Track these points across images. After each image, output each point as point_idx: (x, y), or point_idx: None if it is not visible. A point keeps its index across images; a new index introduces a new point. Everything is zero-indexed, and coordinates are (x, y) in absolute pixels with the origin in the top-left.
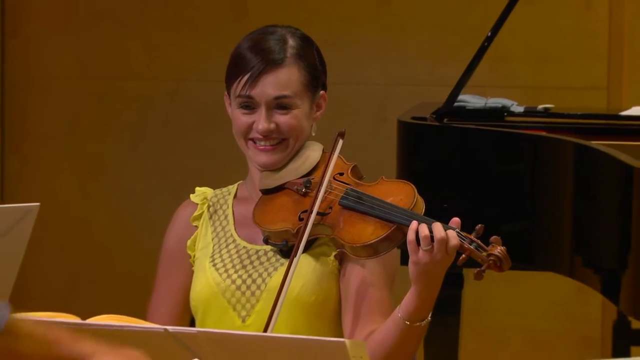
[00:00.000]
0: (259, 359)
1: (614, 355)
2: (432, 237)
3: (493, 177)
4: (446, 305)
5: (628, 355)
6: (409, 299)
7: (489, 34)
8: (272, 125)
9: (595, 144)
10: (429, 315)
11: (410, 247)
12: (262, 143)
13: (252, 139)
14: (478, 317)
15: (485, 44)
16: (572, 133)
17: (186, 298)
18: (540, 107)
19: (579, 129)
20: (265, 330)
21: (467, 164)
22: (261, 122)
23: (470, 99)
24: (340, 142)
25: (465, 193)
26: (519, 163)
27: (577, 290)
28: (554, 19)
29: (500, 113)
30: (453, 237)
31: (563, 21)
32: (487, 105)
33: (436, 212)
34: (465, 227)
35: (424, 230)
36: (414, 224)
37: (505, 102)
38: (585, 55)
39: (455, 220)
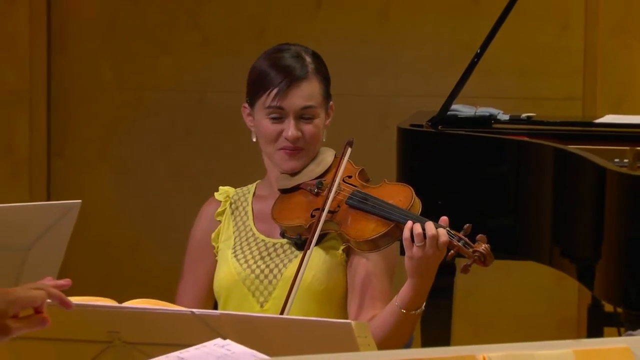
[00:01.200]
0: (274, 338)
1: (589, 335)
2: (425, 235)
3: (482, 177)
4: (440, 291)
5: (601, 335)
6: (405, 290)
7: (478, 50)
8: (299, 133)
9: (572, 148)
10: (423, 305)
11: (405, 243)
12: (290, 149)
13: (283, 148)
14: (468, 302)
15: (475, 59)
16: (551, 138)
17: (210, 285)
18: (524, 115)
19: (557, 135)
20: (281, 314)
21: (458, 165)
22: (291, 129)
23: (461, 108)
24: (349, 150)
25: (457, 191)
26: (505, 165)
27: (556, 278)
28: (535, 38)
29: (488, 121)
30: (443, 234)
31: (544, 39)
32: (477, 114)
33: (431, 209)
34: (456, 222)
35: (417, 228)
36: (409, 223)
37: (493, 111)
38: (563, 69)
39: (444, 219)
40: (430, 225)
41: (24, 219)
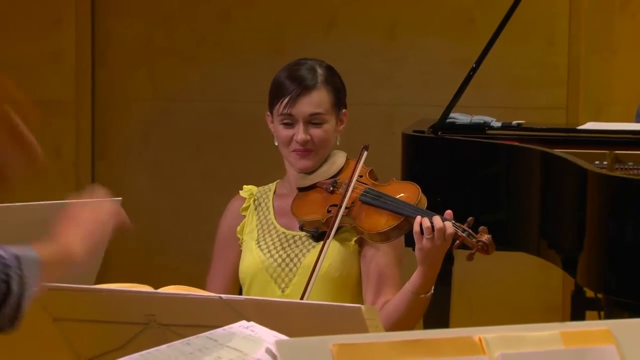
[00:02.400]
0: (294, 320)
1: (572, 319)
2: (432, 228)
3: (477, 178)
4: (440, 277)
5: (584, 318)
6: (416, 277)
7: (474, 65)
8: (308, 137)
9: (557, 151)
10: (432, 289)
11: (416, 236)
12: (301, 151)
13: (295, 150)
14: (465, 288)
15: (471, 73)
16: (539, 143)
17: (236, 272)
18: (514, 122)
19: (544, 140)
20: (301, 299)
21: (456, 167)
22: (300, 134)
23: (458, 116)
24: (365, 153)
25: (455, 190)
26: (497, 166)
27: (543, 267)
28: (524, 53)
29: (482, 127)
30: (449, 227)
31: (532, 55)
32: (472, 121)
33: (432, 205)
34: (457, 218)
35: (426, 222)
36: (419, 218)
37: (487, 118)
38: (549, 82)
39: (449, 212)
40: (437, 219)
41: None
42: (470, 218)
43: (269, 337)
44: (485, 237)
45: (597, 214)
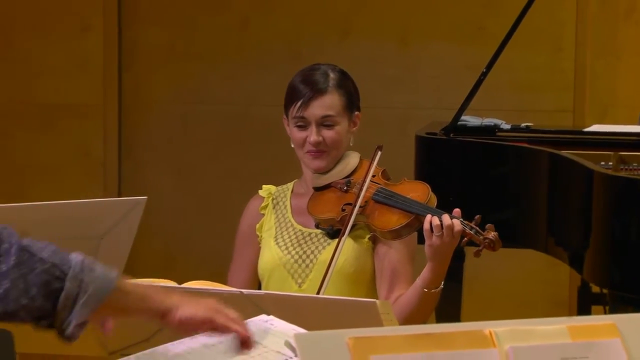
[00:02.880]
0: (310, 314)
1: (579, 313)
2: (441, 225)
3: (487, 177)
4: (452, 274)
5: (589, 312)
6: (426, 272)
7: (484, 70)
8: (321, 138)
9: (564, 152)
10: (442, 284)
11: (426, 234)
12: (314, 152)
13: (308, 151)
14: (475, 284)
15: (481, 77)
16: (546, 145)
17: (255, 268)
18: (523, 125)
19: (552, 142)
20: (317, 294)
21: (467, 167)
22: (312, 135)
23: (470, 119)
24: (379, 153)
25: (466, 189)
26: (507, 167)
27: (550, 263)
28: (532, 59)
29: (492, 129)
30: (457, 224)
31: (540, 60)
32: (483, 124)
33: (444, 204)
34: (468, 216)
35: (435, 220)
36: (429, 216)
37: (497, 121)
38: (557, 86)
39: (457, 211)
40: (446, 217)
41: (99, 212)
42: (478, 216)
43: (288, 330)
44: (492, 235)
45: (603, 212)
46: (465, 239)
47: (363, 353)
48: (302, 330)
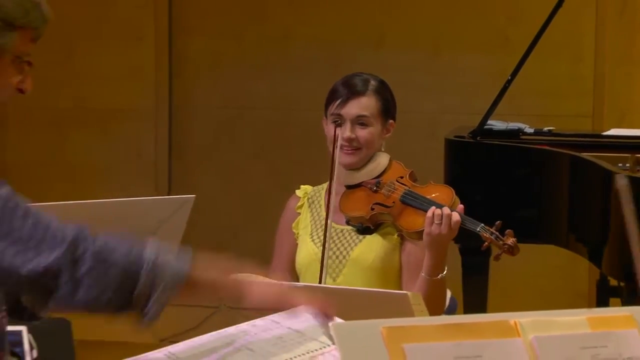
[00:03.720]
0: (345, 304)
1: (597, 305)
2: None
3: (512, 178)
4: (478, 268)
5: (607, 304)
6: (425, 262)
7: (509, 77)
8: (354, 135)
9: (584, 155)
10: (444, 272)
11: (427, 221)
12: (346, 148)
13: (340, 146)
14: (500, 277)
15: (507, 84)
16: (567, 147)
17: (294, 263)
18: (545, 129)
19: (572, 145)
20: (319, 282)
21: (493, 169)
22: (346, 131)
23: (495, 123)
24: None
25: (493, 189)
26: (530, 168)
27: (571, 258)
28: (555, 67)
29: (517, 133)
30: (455, 215)
31: (562, 68)
32: (508, 128)
33: (472, 203)
34: (491, 214)
35: (437, 210)
36: (433, 207)
37: (520, 125)
38: (577, 92)
39: (461, 207)
40: (447, 209)
41: (150, 209)
42: (498, 222)
43: (326, 320)
44: (511, 240)
45: (620, 211)
46: (486, 243)
47: (396, 342)
48: (339, 320)
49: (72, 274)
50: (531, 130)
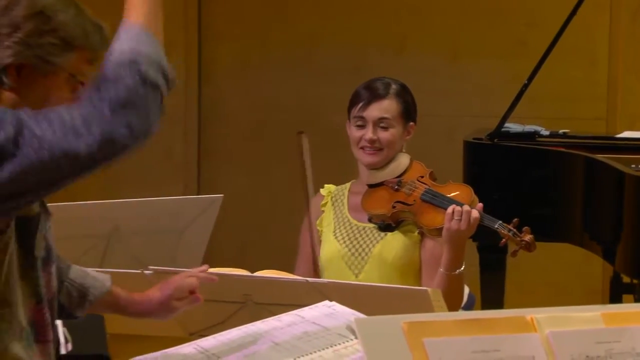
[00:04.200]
0: (366, 300)
1: (611, 301)
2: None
3: (528, 178)
4: (496, 265)
5: (621, 301)
6: (444, 257)
7: (526, 82)
8: (376, 137)
9: (598, 156)
10: (461, 268)
11: (447, 217)
12: (368, 148)
13: (362, 147)
14: (517, 274)
15: (523, 88)
16: (582, 149)
17: (317, 259)
18: (561, 131)
19: (586, 146)
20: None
21: (510, 169)
22: (369, 133)
23: (512, 126)
24: (304, 138)
25: (510, 189)
26: (546, 169)
27: (585, 256)
28: (570, 72)
29: (533, 135)
30: (474, 212)
31: (576, 73)
32: (524, 130)
33: (489, 202)
34: (508, 213)
35: (458, 207)
36: (454, 205)
37: (536, 128)
38: (591, 96)
39: (480, 205)
40: (466, 206)
41: (180, 208)
42: (516, 219)
43: (348, 315)
44: (528, 237)
45: (633, 210)
46: (504, 240)
47: (417, 336)
48: (361, 315)
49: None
50: (547, 133)
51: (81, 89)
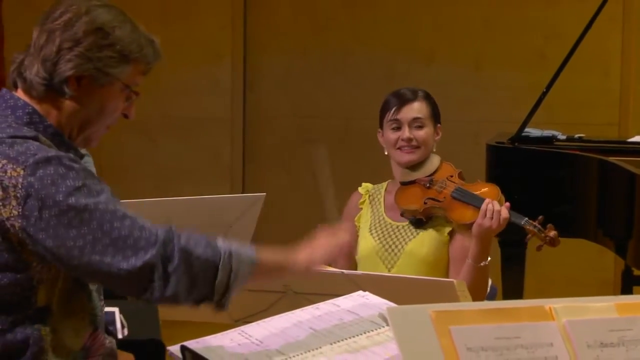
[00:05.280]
0: (397, 291)
1: (622, 293)
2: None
3: (547, 179)
4: (516, 259)
5: (632, 292)
6: (472, 249)
7: (544, 90)
8: (412, 136)
9: (611, 159)
10: (487, 260)
11: (481, 213)
12: (406, 147)
13: (400, 147)
14: (536, 267)
15: (542, 96)
16: (596, 152)
17: (354, 253)
18: (576, 135)
19: (600, 150)
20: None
21: (530, 171)
22: (405, 133)
23: (532, 131)
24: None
25: (529, 189)
26: (562, 170)
27: (599, 251)
28: (585, 81)
29: (550, 139)
30: (505, 213)
31: (591, 82)
32: (543, 135)
33: (510, 201)
34: (529, 211)
35: (491, 205)
36: (488, 200)
37: (554, 132)
38: (605, 103)
39: (507, 204)
40: (497, 205)
41: (227, 205)
42: (541, 217)
43: (381, 304)
44: (552, 233)
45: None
46: (529, 235)
47: (444, 324)
48: (392, 305)
49: (164, 271)
50: (564, 137)
51: (133, 97)
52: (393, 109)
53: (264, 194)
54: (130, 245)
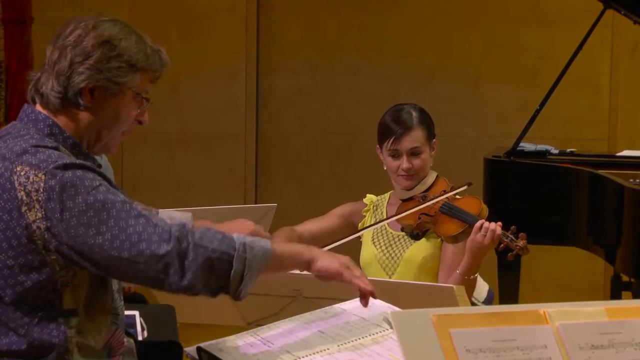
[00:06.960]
0: (399, 295)
1: (611, 297)
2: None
3: (540, 191)
4: (512, 266)
5: (620, 297)
6: (463, 263)
7: (538, 107)
8: (410, 165)
9: (600, 172)
10: (475, 274)
11: (474, 231)
12: (405, 175)
13: (400, 175)
14: (530, 274)
15: (536, 113)
16: (587, 166)
17: (358, 262)
18: (568, 150)
19: (591, 163)
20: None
21: (525, 183)
22: (404, 163)
23: (526, 145)
24: (466, 187)
25: (524, 200)
26: (555, 183)
27: (589, 258)
28: (576, 99)
29: (544, 154)
30: (498, 230)
31: (582, 100)
32: (537, 149)
33: (506, 212)
34: (521, 222)
35: (486, 224)
36: (482, 221)
37: (547, 147)
38: (595, 120)
39: (499, 223)
40: (492, 224)
41: (240, 215)
42: (513, 227)
43: (385, 308)
44: (522, 242)
45: (631, 218)
46: (502, 245)
47: (444, 327)
48: (396, 309)
49: (180, 265)
50: (556, 152)
51: (145, 104)
52: (392, 140)
53: (276, 204)
54: (145, 239)
